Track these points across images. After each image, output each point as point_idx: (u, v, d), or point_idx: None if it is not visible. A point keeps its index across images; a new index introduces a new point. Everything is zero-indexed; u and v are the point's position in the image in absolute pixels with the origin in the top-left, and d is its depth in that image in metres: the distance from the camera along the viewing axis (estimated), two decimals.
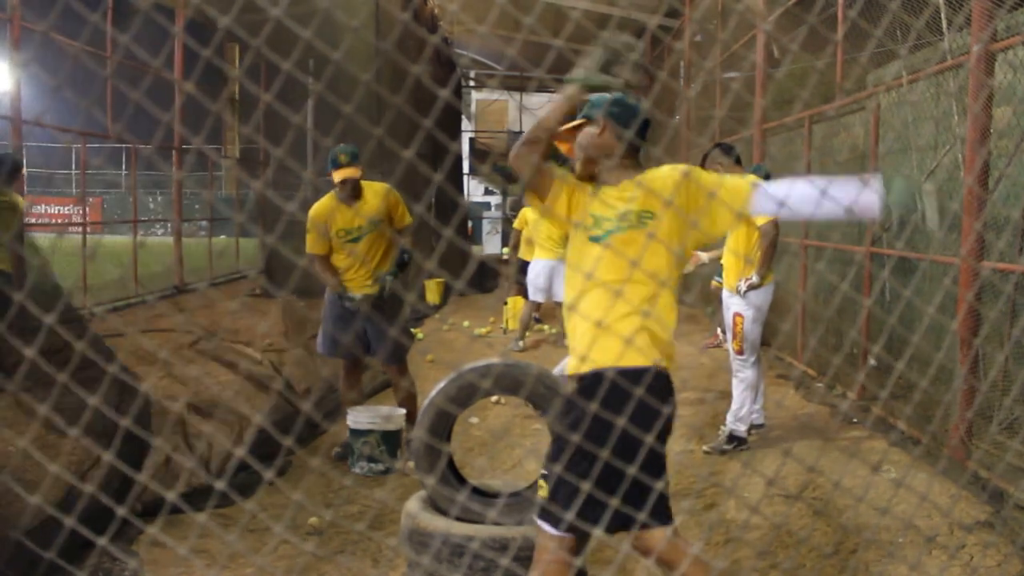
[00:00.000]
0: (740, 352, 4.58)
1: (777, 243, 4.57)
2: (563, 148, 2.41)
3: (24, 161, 7.53)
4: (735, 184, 2.24)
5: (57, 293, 3.50)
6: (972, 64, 4.06)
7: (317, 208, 4.33)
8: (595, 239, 2.20)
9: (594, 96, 2.27)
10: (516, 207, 9.73)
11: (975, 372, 4.13)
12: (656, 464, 2.12)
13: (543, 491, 2.16)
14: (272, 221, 11.67)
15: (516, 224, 8.82)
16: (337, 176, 4.18)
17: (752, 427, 4.76)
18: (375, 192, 4.34)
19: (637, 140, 2.28)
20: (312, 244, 4.32)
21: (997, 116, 4.15)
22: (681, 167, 2.27)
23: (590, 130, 2.29)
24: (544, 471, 2.17)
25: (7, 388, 3.12)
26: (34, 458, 2.89)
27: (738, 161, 4.73)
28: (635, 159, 2.31)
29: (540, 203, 2.26)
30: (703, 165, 4.77)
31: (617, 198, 2.22)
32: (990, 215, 4.26)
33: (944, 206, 4.61)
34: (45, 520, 2.90)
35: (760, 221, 4.46)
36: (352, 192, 4.25)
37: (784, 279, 7.18)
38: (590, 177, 2.31)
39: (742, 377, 4.60)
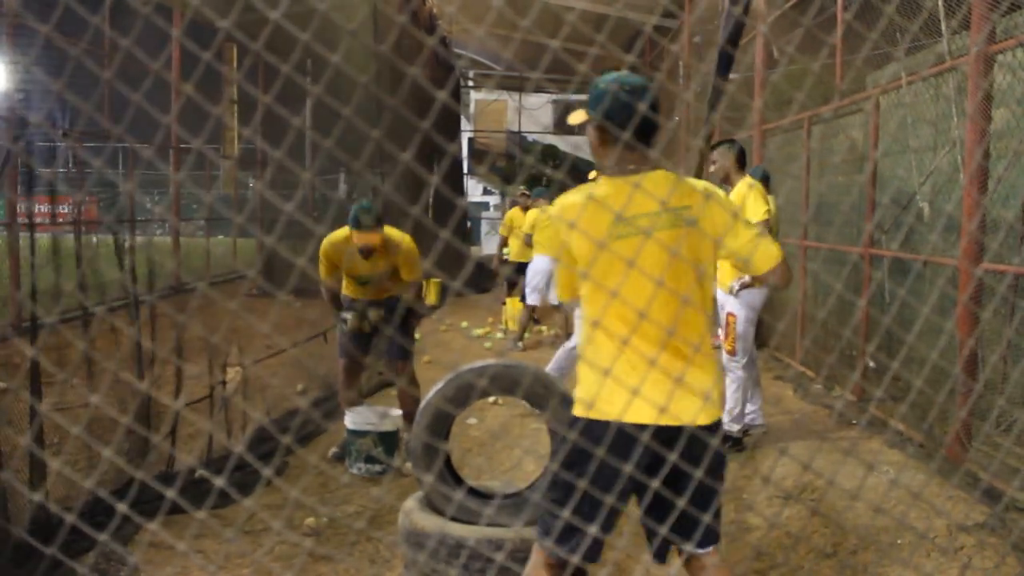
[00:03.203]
0: (733, 352, 4.59)
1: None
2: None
3: (18, 160, 7.52)
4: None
5: None
6: (971, 66, 4.07)
7: (330, 246, 4.25)
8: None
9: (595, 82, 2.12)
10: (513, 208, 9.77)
11: (973, 373, 4.14)
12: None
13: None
14: (271, 221, 11.67)
15: (501, 230, 8.87)
16: (358, 239, 4.12)
17: (751, 428, 4.76)
18: (391, 247, 4.25)
19: (618, 131, 2.00)
20: (324, 273, 4.34)
21: (996, 118, 4.16)
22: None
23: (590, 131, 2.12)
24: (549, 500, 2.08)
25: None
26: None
27: (741, 156, 4.68)
28: (635, 154, 2.07)
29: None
30: (700, 166, 4.76)
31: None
32: (989, 216, 4.27)
33: None
34: (38, 518, 2.90)
35: (753, 220, 4.45)
36: (369, 251, 4.21)
37: None
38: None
39: (735, 377, 4.61)
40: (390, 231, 4.27)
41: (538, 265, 7.68)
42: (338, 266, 4.30)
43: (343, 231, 4.25)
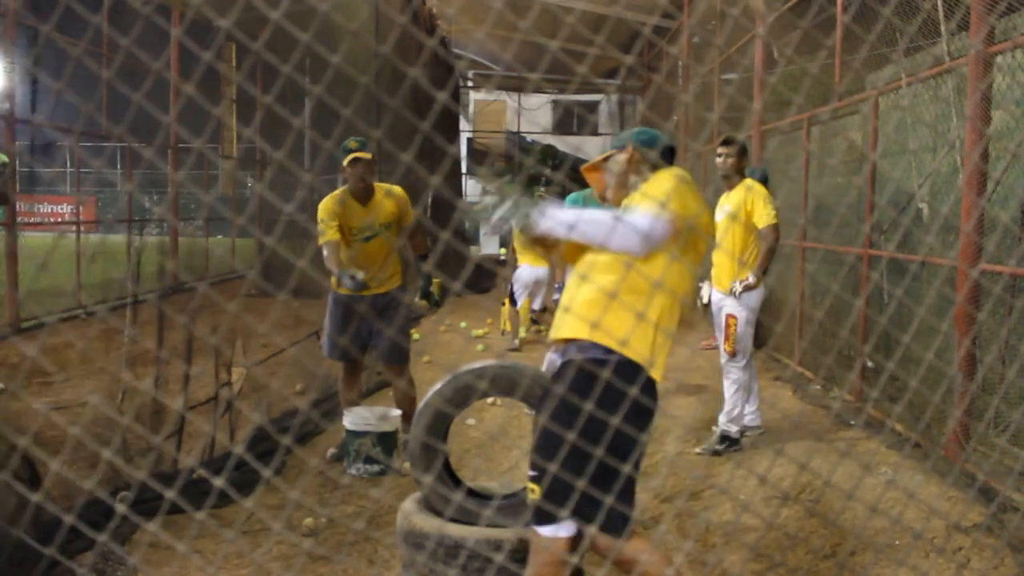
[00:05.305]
0: (733, 354, 4.59)
1: (776, 248, 4.58)
2: (591, 181, 2.56)
3: (18, 160, 7.53)
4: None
5: None
6: (970, 67, 4.08)
7: (328, 203, 4.22)
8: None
9: (624, 133, 2.49)
10: None
11: (970, 373, 4.14)
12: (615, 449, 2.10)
13: (535, 494, 2.16)
14: (269, 221, 11.67)
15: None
16: (347, 158, 4.11)
17: (748, 429, 4.77)
18: (385, 192, 4.29)
19: (662, 162, 2.40)
20: (322, 236, 4.15)
21: (994, 119, 4.17)
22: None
23: (619, 156, 2.42)
24: (532, 472, 2.17)
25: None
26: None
27: (742, 152, 4.69)
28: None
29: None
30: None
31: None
32: (987, 218, 4.27)
33: None
34: (37, 517, 2.90)
35: (761, 224, 4.47)
36: (365, 185, 4.17)
37: (781, 281, 7.19)
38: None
39: (734, 378, 4.61)
40: (381, 185, 4.36)
41: (526, 270, 7.78)
42: (340, 226, 4.21)
43: (335, 193, 4.28)
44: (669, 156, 2.44)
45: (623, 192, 2.40)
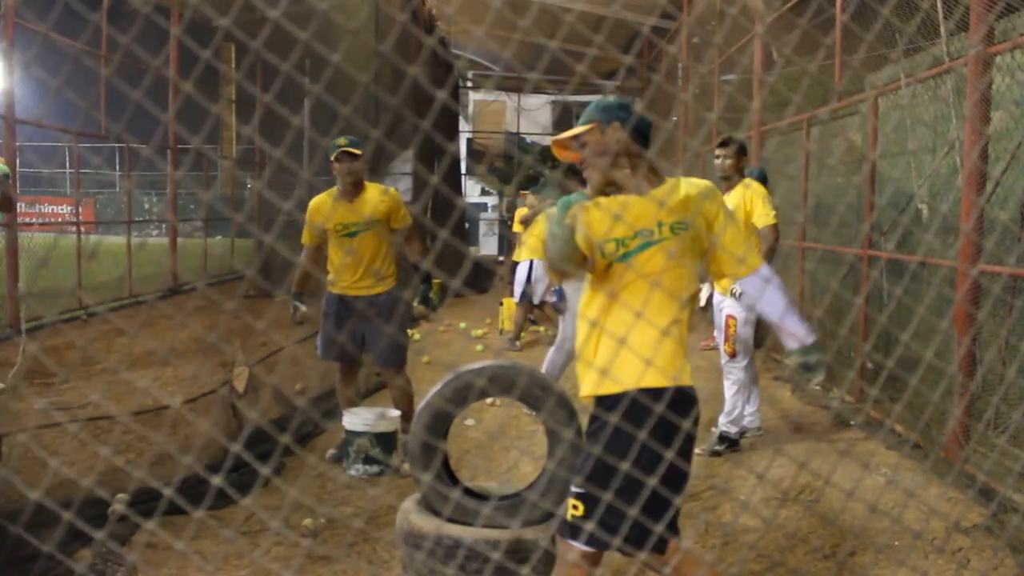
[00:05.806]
0: (733, 354, 4.58)
1: (776, 248, 4.58)
2: (569, 157, 2.33)
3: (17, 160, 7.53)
4: (746, 244, 2.31)
5: None
6: (969, 67, 4.08)
7: (315, 201, 4.33)
8: (621, 259, 2.17)
9: (597, 100, 2.26)
10: (512, 208, 9.76)
11: (970, 373, 4.14)
12: (682, 480, 2.17)
13: (578, 510, 2.13)
14: (268, 221, 11.66)
15: (515, 227, 8.85)
16: (335, 153, 4.15)
17: (748, 430, 4.76)
18: (377, 191, 4.32)
19: (641, 143, 2.26)
20: (304, 236, 4.35)
21: (994, 120, 4.17)
22: (705, 183, 2.28)
23: (599, 136, 2.23)
24: (579, 489, 2.14)
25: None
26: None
27: (741, 151, 4.68)
28: (648, 165, 2.26)
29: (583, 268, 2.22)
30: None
31: (638, 214, 2.18)
32: (987, 218, 4.27)
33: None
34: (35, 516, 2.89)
35: (760, 224, 4.47)
36: (352, 180, 4.20)
37: (780, 280, 7.18)
38: (606, 187, 2.24)
39: (734, 379, 4.60)
40: (372, 184, 4.39)
41: (537, 266, 7.72)
42: (321, 230, 4.25)
43: (325, 192, 4.35)
44: (648, 132, 2.28)
45: (603, 178, 2.22)
